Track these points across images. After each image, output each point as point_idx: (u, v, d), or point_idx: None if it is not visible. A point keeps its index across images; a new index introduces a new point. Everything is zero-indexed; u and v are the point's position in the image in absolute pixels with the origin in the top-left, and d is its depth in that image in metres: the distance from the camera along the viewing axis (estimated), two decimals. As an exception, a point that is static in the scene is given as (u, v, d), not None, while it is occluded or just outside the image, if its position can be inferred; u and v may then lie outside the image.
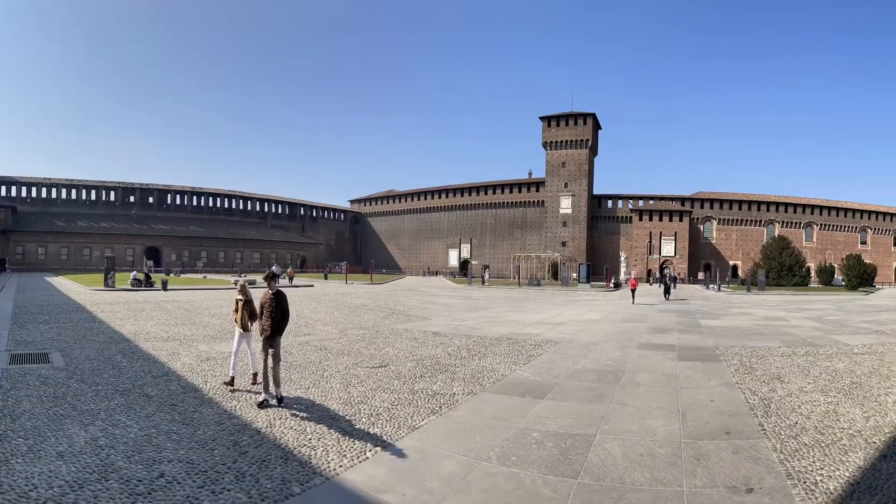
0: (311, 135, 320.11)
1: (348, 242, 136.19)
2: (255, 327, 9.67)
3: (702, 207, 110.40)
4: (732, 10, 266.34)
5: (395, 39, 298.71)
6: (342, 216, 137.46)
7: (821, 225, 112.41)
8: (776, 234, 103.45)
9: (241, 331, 9.97)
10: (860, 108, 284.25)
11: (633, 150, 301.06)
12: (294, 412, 8.57)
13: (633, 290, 40.35)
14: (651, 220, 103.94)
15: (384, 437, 7.42)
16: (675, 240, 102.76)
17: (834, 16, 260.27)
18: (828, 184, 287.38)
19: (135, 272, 46.01)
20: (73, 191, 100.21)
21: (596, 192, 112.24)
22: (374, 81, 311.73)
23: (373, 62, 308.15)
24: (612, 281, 71.92)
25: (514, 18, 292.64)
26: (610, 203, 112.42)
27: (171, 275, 63.73)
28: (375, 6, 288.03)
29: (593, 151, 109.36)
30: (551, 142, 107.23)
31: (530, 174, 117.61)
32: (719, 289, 66.39)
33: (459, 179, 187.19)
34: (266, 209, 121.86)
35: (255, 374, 10.18)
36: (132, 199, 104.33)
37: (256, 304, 9.66)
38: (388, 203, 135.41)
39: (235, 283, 11.94)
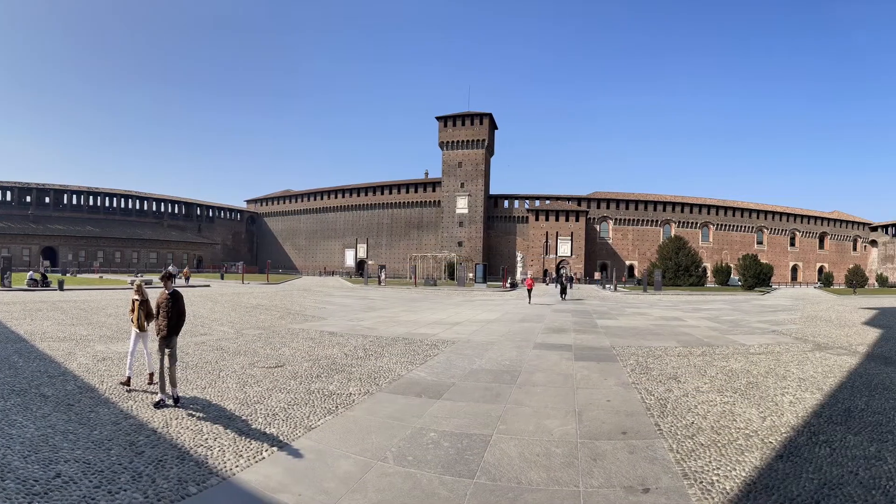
0: (207, 135, 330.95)
1: (245, 242, 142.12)
2: (152, 327, 10.12)
3: (598, 207, 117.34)
4: (629, 10, 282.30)
5: (292, 40, 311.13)
6: (239, 216, 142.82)
7: (717, 225, 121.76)
8: (673, 233, 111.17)
9: (138, 331, 10.43)
10: (757, 110, 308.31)
11: (531, 151, 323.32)
12: (191, 412, 8.95)
13: (529, 290, 42.44)
14: (548, 219, 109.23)
15: (281, 437, 7.82)
16: (572, 240, 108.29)
17: (729, 16, 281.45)
18: (724, 184, 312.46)
19: (31, 272, 47.68)
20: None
21: (493, 191, 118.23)
22: (270, 82, 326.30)
23: (269, 62, 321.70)
24: (509, 281, 74.65)
25: (411, 18, 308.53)
26: (507, 203, 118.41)
27: (68, 275, 66.72)
28: (271, 6, 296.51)
29: (490, 151, 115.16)
30: (448, 142, 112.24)
31: (426, 174, 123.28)
32: (616, 289, 69.90)
33: (357, 179, 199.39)
34: (163, 209, 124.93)
35: (151, 374, 10.75)
36: (28, 199, 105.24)
37: (153, 304, 10.13)
38: (284, 203, 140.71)
39: (132, 283, 12.47)
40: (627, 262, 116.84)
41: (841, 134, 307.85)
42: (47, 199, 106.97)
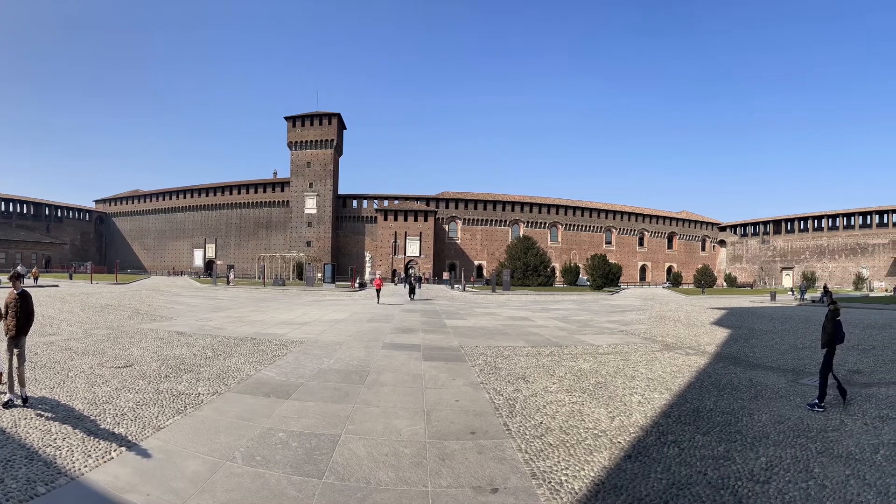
0: (55, 134, 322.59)
1: (94, 242, 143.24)
2: (0, 327, 10.28)
3: (447, 207, 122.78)
4: (476, 11, 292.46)
5: (141, 39, 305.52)
6: (87, 216, 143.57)
7: (566, 225, 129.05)
8: (521, 233, 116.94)
9: None
10: (607, 110, 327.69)
11: (380, 151, 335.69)
12: (39, 412, 9.12)
13: (378, 290, 44.21)
14: (396, 220, 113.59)
15: (129, 437, 7.98)
16: (421, 240, 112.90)
17: (580, 16, 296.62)
18: (574, 184, 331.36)
19: None
20: None
21: (342, 192, 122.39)
22: (119, 81, 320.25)
23: (115, 62, 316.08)
24: (357, 281, 76.38)
25: (260, 18, 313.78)
26: (355, 203, 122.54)
27: (-89, 276, 64.55)
28: (121, 5, 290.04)
29: (338, 151, 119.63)
30: (296, 142, 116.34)
31: (275, 174, 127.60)
32: (464, 289, 71.72)
33: (207, 179, 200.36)
34: (11, 209, 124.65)
35: None
36: None
37: (1, 304, 10.35)
38: (133, 203, 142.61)
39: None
40: (476, 262, 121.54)
41: (689, 134, 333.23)
42: None
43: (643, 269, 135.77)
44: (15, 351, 9.50)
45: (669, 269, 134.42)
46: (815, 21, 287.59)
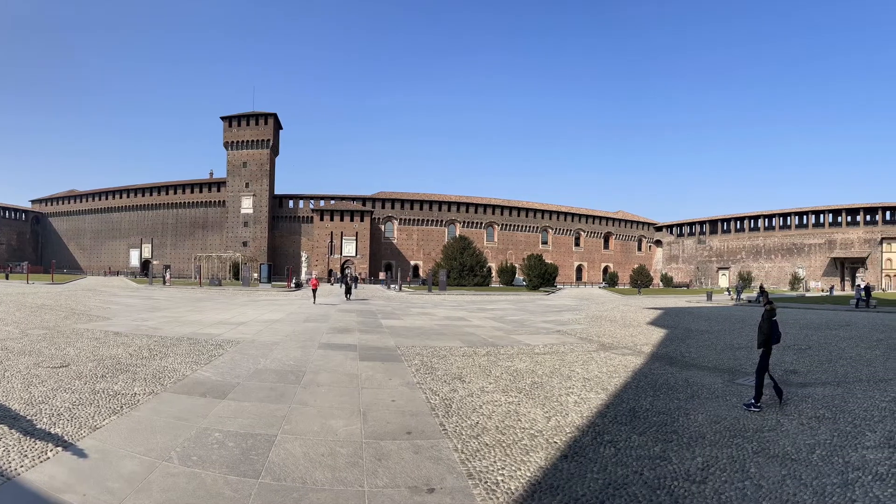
0: None
1: (30, 242, 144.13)
2: None
3: (383, 207, 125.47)
4: (409, 11, 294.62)
5: (77, 38, 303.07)
6: (24, 216, 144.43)
7: (502, 225, 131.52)
8: (458, 233, 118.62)
9: None
10: (542, 109, 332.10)
11: (317, 151, 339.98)
12: None
13: (314, 290, 44.90)
14: (332, 220, 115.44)
15: (66, 437, 7.95)
16: (357, 240, 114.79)
17: (519, 16, 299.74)
18: (510, 184, 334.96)
19: None
20: None
21: (278, 192, 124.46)
22: (55, 81, 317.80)
23: (53, 61, 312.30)
24: (294, 281, 76.85)
25: (196, 19, 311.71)
26: (292, 203, 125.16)
27: None
28: (56, 5, 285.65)
29: (275, 151, 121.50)
30: (232, 142, 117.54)
31: (211, 174, 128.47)
32: (401, 288, 71.93)
33: (143, 179, 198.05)
34: None
35: None
36: None
37: None
38: (69, 203, 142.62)
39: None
40: (412, 262, 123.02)
41: (625, 134, 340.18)
42: None
43: (579, 270, 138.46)
44: None
45: (606, 269, 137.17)
46: (748, 18, 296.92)
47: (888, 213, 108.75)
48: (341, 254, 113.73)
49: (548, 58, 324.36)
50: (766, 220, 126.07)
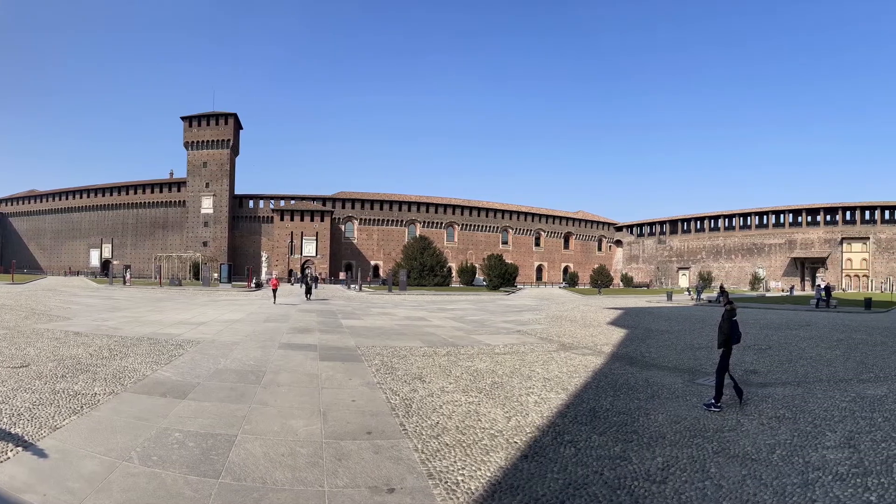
0: None
1: None
2: None
3: (343, 207, 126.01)
4: (368, 11, 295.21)
5: (36, 38, 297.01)
6: None
7: (462, 225, 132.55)
8: (418, 233, 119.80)
9: None
10: (502, 109, 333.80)
11: (277, 151, 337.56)
12: None
13: (274, 290, 45.19)
14: (293, 220, 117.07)
15: (26, 437, 7.93)
16: (317, 240, 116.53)
17: (477, 15, 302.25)
18: (470, 184, 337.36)
19: None
20: None
21: (238, 192, 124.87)
22: (8, 81, 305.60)
23: (11, 59, 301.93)
24: (254, 281, 77.33)
25: (156, 19, 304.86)
26: (252, 203, 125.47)
27: None
28: (13, 4, 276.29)
29: (235, 151, 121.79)
30: (193, 142, 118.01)
31: (171, 174, 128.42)
32: (361, 288, 71.79)
33: (104, 179, 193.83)
34: None
35: None
36: None
37: None
38: (29, 203, 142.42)
39: None
40: (373, 262, 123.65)
41: (586, 134, 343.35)
42: None
43: (539, 270, 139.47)
44: None
45: (566, 269, 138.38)
46: (705, 19, 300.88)
47: (848, 213, 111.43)
48: (301, 254, 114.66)
49: (508, 58, 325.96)
50: (727, 220, 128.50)
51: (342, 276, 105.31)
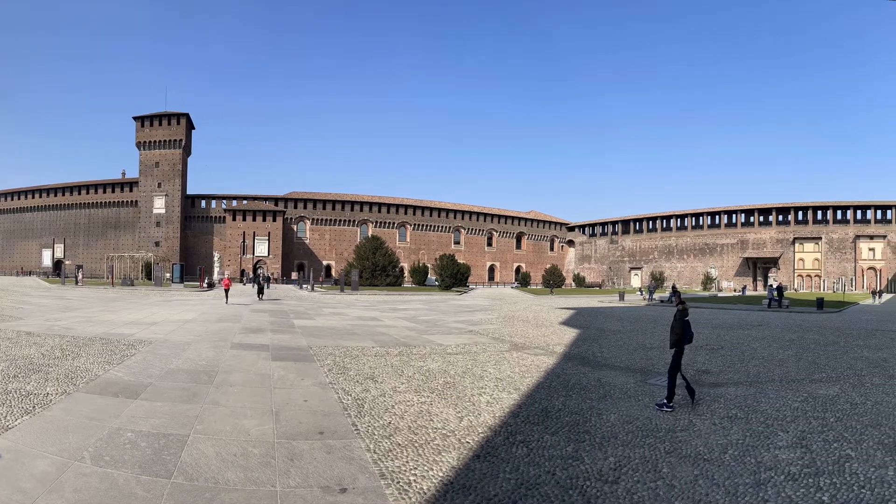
0: None
1: None
2: None
3: (296, 207, 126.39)
4: (325, 9, 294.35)
5: None
6: None
7: (415, 225, 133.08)
8: (370, 233, 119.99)
9: None
10: (457, 109, 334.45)
11: (230, 151, 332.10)
12: None
13: (226, 290, 45.71)
14: (245, 220, 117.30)
15: None
16: (269, 240, 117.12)
17: (432, 16, 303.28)
18: (422, 184, 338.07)
19: None
20: None
21: (191, 192, 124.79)
22: None
23: None
24: (206, 281, 76.81)
25: (104, 18, 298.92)
26: (204, 203, 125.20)
27: None
28: None
29: (187, 151, 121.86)
30: (145, 142, 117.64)
31: (124, 174, 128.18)
32: (313, 288, 71.69)
33: (56, 179, 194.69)
34: None
35: None
36: None
37: None
38: None
39: None
40: (325, 262, 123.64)
41: (537, 134, 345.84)
42: None
43: (492, 269, 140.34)
44: None
45: (518, 269, 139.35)
46: (658, 20, 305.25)
47: (801, 213, 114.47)
48: (254, 254, 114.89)
49: (462, 58, 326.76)
50: (679, 220, 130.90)
51: (294, 276, 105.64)
